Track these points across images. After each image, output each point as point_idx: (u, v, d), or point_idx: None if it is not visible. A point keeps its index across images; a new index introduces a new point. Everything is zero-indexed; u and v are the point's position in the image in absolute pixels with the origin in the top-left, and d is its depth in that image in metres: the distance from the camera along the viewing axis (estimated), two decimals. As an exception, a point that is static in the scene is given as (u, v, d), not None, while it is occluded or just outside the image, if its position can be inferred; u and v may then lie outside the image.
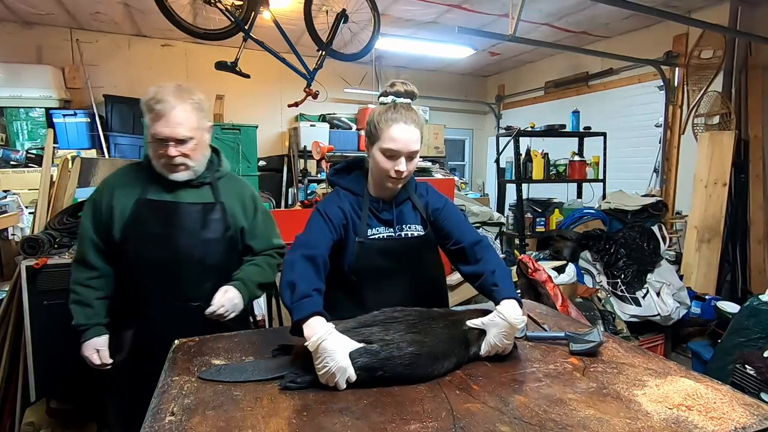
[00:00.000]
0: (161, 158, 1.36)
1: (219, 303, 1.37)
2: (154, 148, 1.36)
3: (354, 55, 3.36)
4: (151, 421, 0.86)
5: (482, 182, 6.98)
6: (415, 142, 1.26)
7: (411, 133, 1.24)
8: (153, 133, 1.33)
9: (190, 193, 1.43)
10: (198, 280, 1.42)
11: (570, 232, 3.53)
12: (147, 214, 1.38)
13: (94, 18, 4.46)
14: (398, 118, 1.24)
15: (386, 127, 1.24)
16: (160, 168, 1.38)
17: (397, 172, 1.24)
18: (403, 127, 1.23)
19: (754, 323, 2.34)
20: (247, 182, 1.60)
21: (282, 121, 5.84)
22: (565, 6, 4.04)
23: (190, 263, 1.40)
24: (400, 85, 1.31)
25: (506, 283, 1.20)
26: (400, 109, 1.26)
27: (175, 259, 1.38)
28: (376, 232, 1.32)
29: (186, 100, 1.37)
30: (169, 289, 1.39)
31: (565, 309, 2.32)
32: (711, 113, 3.94)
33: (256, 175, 3.27)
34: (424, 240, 1.35)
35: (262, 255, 1.56)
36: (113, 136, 4.42)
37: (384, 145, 1.24)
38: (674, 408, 0.91)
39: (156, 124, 1.32)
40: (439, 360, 1.05)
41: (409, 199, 1.37)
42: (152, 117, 1.33)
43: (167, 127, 1.32)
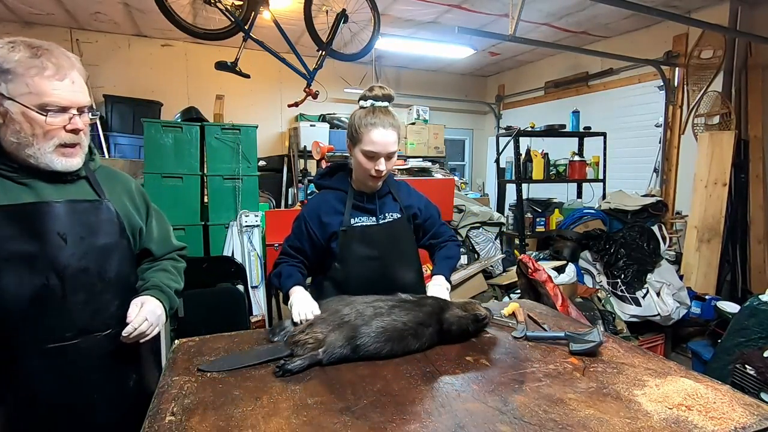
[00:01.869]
0: (49, 137, 0.98)
1: (140, 318, 1.07)
2: (34, 125, 0.97)
3: (354, 55, 3.36)
4: (151, 421, 0.86)
5: (482, 182, 6.98)
6: (393, 144, 1.37)
7: (389, 137, 1.36)
8: (42, 99, 0.95)
9: (60, 191, 1.04)
10: (99, 301, 1.07)
11: (570, 232, 3.53)
12: (4, 228, 0.96)
13: (94, 18, 4.46)
14: (377, 123, 1.35)
15: (366, 132, 1.35)
16: (33, 157, 0.99)
17: (377, 171, 1.38)
18: (381, 131, 1.35)
19: (754, 323, 2.33)
20: (127, 174, 1.27)
21: (282, 121, 5.84)
22: (565, 6, 4.04)
23: (83, 281, 1.04)
24: (378, 90, 1.41)
25: (439, 265, 1.55)
26: (378, 114, 1.37)
27: (61, 280, 1.01)
28: (359, 221, 1.46)
29: (75, 63, 1.03)
30: (54, 325, 1.01)
31: (565, 309, 2.32)
32: (711, 113, 3.94)
33: (256, 175, 3.26)
34: (401, 222, 1.51)
35: (165, 259, 1.29)
36: (113, 136, 4.42)
37: (365, 148, 1.36)
38: (674, 408, 0.91)
39: (46, 84, 0.95)
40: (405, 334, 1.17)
41: (390, 193, 1.53)
42: (36, 71, 0.95)
43: (70, 90, 0.99)
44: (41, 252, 0.99)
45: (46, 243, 1.00)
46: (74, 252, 1.03)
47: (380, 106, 1.39)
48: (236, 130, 3.16)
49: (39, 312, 1.00)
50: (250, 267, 3.14)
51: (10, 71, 0.94)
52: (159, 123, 3.12)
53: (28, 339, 1.00)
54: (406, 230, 1.54)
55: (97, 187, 1.12)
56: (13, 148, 0.98)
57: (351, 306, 1.20)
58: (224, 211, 3.16)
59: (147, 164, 2.95)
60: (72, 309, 1.03)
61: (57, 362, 1.02)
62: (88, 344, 1.05)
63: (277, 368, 1.05)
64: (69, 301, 1.03)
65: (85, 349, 1.05)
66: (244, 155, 3.17)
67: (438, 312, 1.24)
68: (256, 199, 3.29)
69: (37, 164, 1.00)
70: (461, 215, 3.90)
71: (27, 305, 0.98)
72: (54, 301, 1.01)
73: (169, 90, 5.10)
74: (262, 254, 3.18)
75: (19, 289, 0.97)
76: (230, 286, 3.04)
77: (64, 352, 1.02)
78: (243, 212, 3.14)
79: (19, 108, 0.95)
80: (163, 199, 2.96)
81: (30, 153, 0.98)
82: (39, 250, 0.99)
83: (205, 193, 3.14)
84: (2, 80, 0.94)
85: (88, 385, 1.07)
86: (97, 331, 1.07)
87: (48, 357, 1.01)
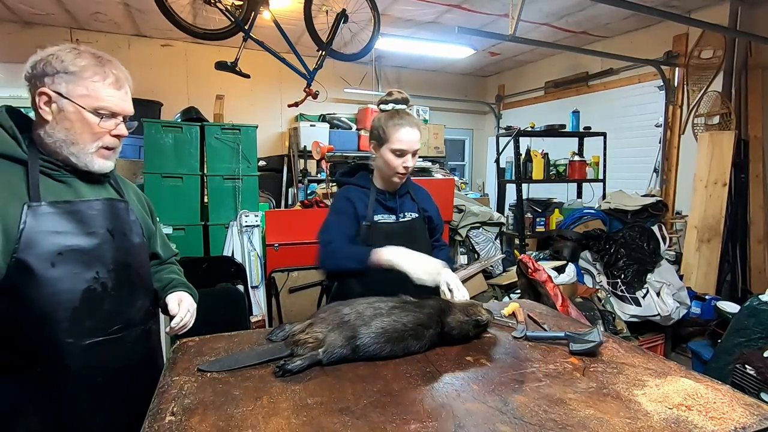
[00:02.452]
0: (95, 138, 1.05)
1: (183, 311, 1.20)
2: (84, 125, 1.03)
3: (354, 55, 3.36)
4: (151, 421, 0.86)
5: (482, 182, 6.98)
6: (418, 142, 1.50)
7: (414, 135, 1.48)
8: (97, 103, 1.02)
9: (94, 190, 1.10)
10: (138, 296, 1.15)
11: (570, 232, 3.53)
12: (56, 223, 0.99)
13: (94, 18, 4.46)
14: (403, 123, 1.47)
15: (394, 131, 1.46)
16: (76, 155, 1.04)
17: (405, 168, 1.49)
18: (408, 129, 1.47)
19: (754, 323, 2.34)
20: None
21: (282, 121, 5.84)
22: (565, 6, 4.04)
23: (126, 277, 1.10)
24: (396, 94, 1.53)
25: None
26: (403, 115, 1.49)
27: (109, 274, 1.06)
28: (382, 218, 1.53)
29: (129, 78, 1.12)
30: (104, 318, 1.06)
31: (565, 309, 2.32)
32: (711, 113, 3.94)
33: (256, 175, 3.26)
34: (418, 221, 1.60)
35: (168, 264, 1.37)
36: (113, 136, 4.42)
37: (393, 146, 1.46)
38: (674, 408, 0.91)
39: (104, 91, 1.03)
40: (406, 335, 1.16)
41: (408, 193, 1.62)
42: (99, 78, 1.03)
43: (123, 99, 1.08)
44: (94, 247, 1.04)
45: (98, 238, 1.05)
46: (120, 247, 1.09)
47: (401, 108, 1.51)
48: (236, 130, 3.16)
49: (90, 305, 1.03)
50: (250, 267, 3.14)
51: (75, 74, 1.01)
52: (159, 123, 3.12)
53: (78, 332, 1.02)
54: (423, 230, 1.62)
55: (119, 188, 1.18)
56: (57, 146, 1.03)
57: (351, 306, 1.20)
58: (224, 211, 3.16)
59: (147, 164, 2.96)
60: (119, 302, 1.09)
61: (103, 354, 1.05)
62: (130, 337, 1.11)
63: (277, 368, 1.05)
64: (116, 295, 1.08)
65: (128, 342, 1.11)
66: (244, 155, 3.17)
67: (439, 314, 1.24)
68: (256, 199, 3.29)
69: (76, 162, 1.05)
70: (461, 215, 3.90)
71: (79, 298, 1.02)
72: (104, 295, 1.05)
73: (169, 90, 5.10)
74: (262, 254, 3.18)
75: (73, 282, 1.01)
76: (230, 286, 3.04)
77: (110, 345, 1.07)
78: (243, 212, 3.14)
79: (75, 108, 1.02)
80: (163, 199, 2.96)
81: (73, 151, 1.04)
82: (91, 245, 1.04)
83: (205, 193, 3.15)
84: (64, 80, 1.01)
85: (128, 377, 1.12)
86: (138, 324, 1.13)
87: (94, 350, 1.04)
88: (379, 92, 6.00)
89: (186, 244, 3.00)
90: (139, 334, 1.14)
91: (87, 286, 1.02)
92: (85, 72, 1.02)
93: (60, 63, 1.01)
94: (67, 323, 0.99)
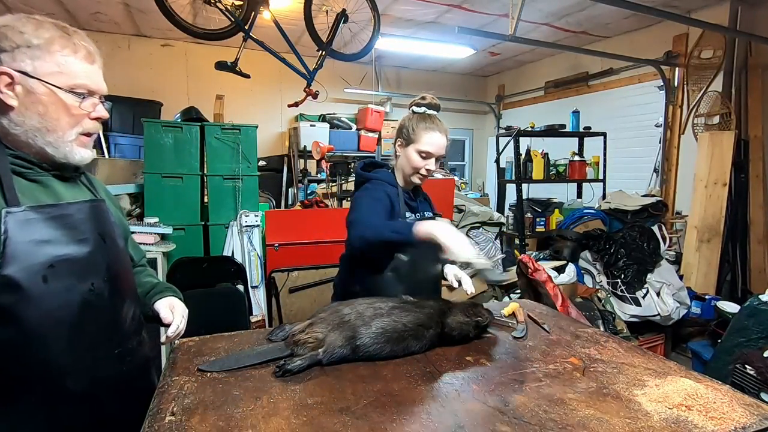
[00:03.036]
0: (73, 123, 0.90)
1: (178, 318, 1.11)
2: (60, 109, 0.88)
3: (354, 55, 3.36)
4: (151, 421, 0.86)
5: (482, 182, 6.98)
6: (444, 148, 1.54)
7: (443, 141, 1.53)
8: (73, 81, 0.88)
9: (71, 190, 0.97)
10: (131, 304, 1.04)
11: (570, 232, 3.54)
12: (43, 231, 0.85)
13: (94, 18, 4.46)
14: (435, 127, 1.51)
15: (424, 133, 1.50)
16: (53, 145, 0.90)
17: (428, 170, 1.52)
18: (438, 135, 1.51)
19: (754, 323, 2.34)
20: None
21: (282, 121, 5.84)
22: (565, 6, 4.04)
23: (120, 284, 0.99)
24: (430, 99, 1.57)
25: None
26: (435, 120, 1.54)
27: (105, 283, 0.94)
28: (408, 216, 1.56)
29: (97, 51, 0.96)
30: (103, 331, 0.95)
31: (565, 309, 2.32)
32: (711, 113, 3.94)
33: (256, 175, 3.26)
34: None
35: (141, 266, 1.25)
36: (113, 136, 4.42)
37: (422, 148, 1.50)
38: (674, 408, 0.91)
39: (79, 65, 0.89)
40: (406, 335, 1.16)
41: (422, 194, 1.69)
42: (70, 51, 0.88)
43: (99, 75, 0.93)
44: (87, 255, 0.91)
45: (90, 245, 0.92)
46: (112, 253, 0.98)
47: (433, 114, 1.55)
48: (236, 130, 3.16)
49: (88, 320, 0.91)
50: (250, 267, 3.14)
51: (40, 48, 0.85)
52: (159, 123, 3.12)
53: (77, 350, 0.89)
54: None
55: (92, 188, 1.04)
56: (30, 136, 0.87)
57: (351, 306, 1.20)
58: (224, 211, 3.16)
59: (147, 164, 2.96)
60: (115, 313, 0.97)
61: (104, 370, 0.94)
62: (127, 349, 1.00)
63: (277, 368, 1.05)
64: (111, 306, 0.96)
65: (126, 355, 1.00)
66: (244, 155, 3.17)
67: (439, 315, 1.24)
68: (256, 199, 3.29)
69: (54, 154, 0.90)
70: (461, 215, 3.90)
71: (76, 314, 0.89)
72: (101, 307, 0.93)
73: (169, 90, 5.10)
74: (262, 254, 3.18)
75: (68, 297, 0.87)
76: (230, 286, 3.04)
77: (110, 360, 0.96)
78: (243, 212, 3.14)
79: (47, 88, 0.86)
80: (163, 199, 2.96)
81: (50, 140, 0.88)
82: (84, 253, 0.91)
83: (205, 193, 3.15)
84: (27, 56, 0.84)
85: (127, 390, 1.02)
86: (133, 335, 1.03)
87: (95, 368, 0.92)
88: (379, 92, 6.00)
89: (186, 244, 3.00)
90: (135, 345, 1.04)
91: (83, 300, 0.90)
92: (52, 45, 0.86)
93: (19, 35, 0.84)
94: (65, 342, 0.88)
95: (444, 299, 1.35)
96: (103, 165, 2.98)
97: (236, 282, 3.08)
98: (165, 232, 2.74)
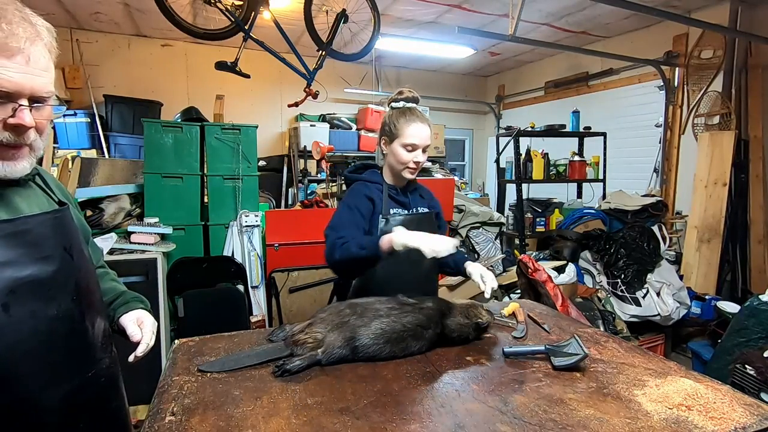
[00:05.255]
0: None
1: (147, 335, 0.99)
2: None
3: (354, 55, 3.36)
4: (150, 421, 0.86)
5: (482, 182, 6.98)
6: (428, 138, 1.53)
7: (425, 130, 1.52)
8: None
9: (23, 197, 0.83)
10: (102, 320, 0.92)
11: (570, 232, 3.53)
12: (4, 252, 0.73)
13: (94, 18, 4.46)
14: (415, 118, 1.51)
15: (406, 126, 1.50)
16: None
17: (416, 162, 1.51)
18: (419, 125, 1.51)
19: (754, 323, 2.33)
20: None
21: (282, 121, 5.84)
22: (565, 6, 4.04)
23: (90, 299, 0.87)
24: (407, 92, 1.57)
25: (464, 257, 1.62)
26: (415, 111, 1.53)
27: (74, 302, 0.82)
28: (396, 212, 1.56)
29: (41, 33, 0.77)
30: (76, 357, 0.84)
31: (565, 309, 2.32)
32: (711, 113, 3.94)
33: (256, 175, 3.26)
34: (429, 216, 1.63)
35: (100, 267, 1.10)
36: (113, 136, 4.42)
37: (406, 141, 1.49)
38: (674, 408, 0.91)
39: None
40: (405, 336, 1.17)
41: (417, 190, 1.66)
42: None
43: (22, 72, 0.72)
44: (52, 275, 0.79)
45: (55, 263, 0.79)
46: (80, 268, 0.85)
47: (412, 106, 1.55)
48: (236, 130, 3.16)
49: (58, 347, 0.79)
50: (250, 267, 3.14)
51: None
52: (159, 123, 3.12)
53: (51, 382, 0.78)
54: (434, 224, 1.64)
55: (47, 188, 0.90)
56: None
57: (351, 307, 1.20)
58: (224, 211, 3.16)
59: (147, 164, 2.96)
60: (86, 335, 0.85)
61: (81, 398, 0.84)
62: (102, 370, 0.89)
63: (276, 368, 1.05)
64: (82, 328, 0.84)
65: (101, 376, 0.89)
66: (244, 155, 3.17)
67: (439, 316, 1.24)
68: (256, 199, 3.29)
69: None
70: (461, 215, 3.90)
71: (45, 341, 0.77)
72: (71, 331, 0.82)
73: (169, 90, 5.10)
74: (262, 254, 3.18)
75: (34, 324, 0.76)
76: (230, 286, 3.05)
77: (85, 386, 0.85)
78: (243, 212, 3.14)
79: None
80: (163, 199, 2.96)
81: None
82: (48, 272, 0.78)
83: (205, 193, 3.15)
84: None
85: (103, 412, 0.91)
86: (104, 353, 0.90)
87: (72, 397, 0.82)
88: (379, 92, 6.00)
89: (186, 244, 3.00)
90: (108, 363, 0.91)
91: (50, 326, 0.77)
92: None
93: None
94: (35, 376, 0.76)
95: (444, 300, 1.35)
96: (103, 165, 2.98)
97: (236, 282, 3.08)
98: (165, 232, 2.74)
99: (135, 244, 2.58)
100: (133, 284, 2.49)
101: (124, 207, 2.88)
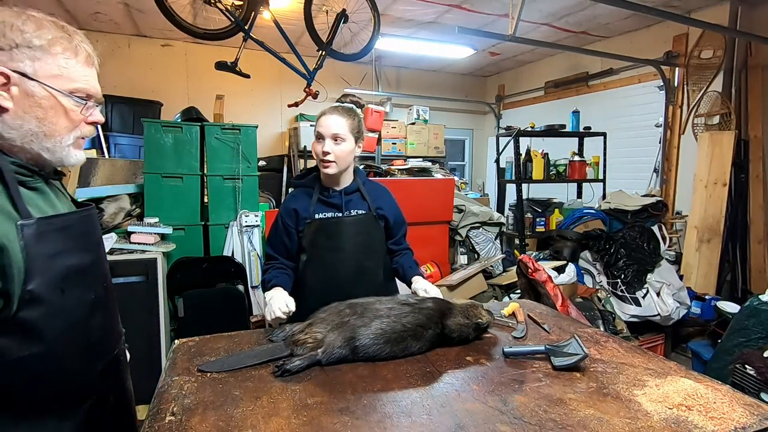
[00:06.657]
0: (72, 128, 0.88)
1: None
2: (59, 113, 0.85)
3: (354, 55, 3.36)
4: (150, 421, 0.86)
5: (482, 182, 6.98)
6: (336, 126, 1.48)
7: (332, 120, 1.49)
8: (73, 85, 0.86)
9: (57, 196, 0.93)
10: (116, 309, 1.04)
11: (570, 232, 3.53)
12: (57, 243, 0.82)
13: (94, 18, 4.46)
14: (327, 111, 1.51)
15: (318, 120, 1.52)
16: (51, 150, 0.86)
17: (323, 152, 1.48)
18: (327, 116, 1.50)
19: (754, 323, 2.34)
20: None
21: (282, 121, 5.84)
22: (565, 6, 4.04)
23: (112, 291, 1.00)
24: (345, 98, 1.62)
25: (414, 269, 1.63)
26: (336, 106, 1.53)
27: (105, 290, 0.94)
28: (324, 216, 1.54)
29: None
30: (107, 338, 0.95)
31: (565, 309, 2.32)
32: (711, 113, 3.94)
33: (256, 175, 3.26)
34: (366, 218, 1.57)
35: None
36: (113, 136, 4.42)
37: (315, 132, 1.51)
38: (674, 408, 0.91)
39: (79, 69, 0.87)
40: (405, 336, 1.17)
41: (359, 191, 1.60)
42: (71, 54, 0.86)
43: (96, 80, 0.93)
44: (91, 263, 0.90)
45: (93, 253, 0.92)
46: (106, 258, 0.99)
47: (338, 105, 1.55)
48: (236, 130, 3.16)
49: (96, 328, 0.90)
50: (250, 267, 3.14)
51: (42, 49, 0.81)
52: (159, 123, 3.12)
53: (91, 360, 0.89)
54: (374, 226, 1.60)
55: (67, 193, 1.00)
56: (26, 141, 0.82)
57: (351, 307, 1.20)
58: (224, 211, 3.16)
59: (147, 164, 2.96)
60: (112, 318, 0.98)
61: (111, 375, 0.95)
62: (121, 350, 1.01)
63: (276, 368, 1.05)
64: (110, 311, 0.96)
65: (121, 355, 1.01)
66: (244, 155, 3.17)
67: (439, 316, 1.23)
68: (256, 199, 3.29)
69: (50, 159, 0.86)
70: (461, 215, 3.90)
71: (87, 324, 0.88)
72: (104, 314, 0.93)
73: (169, 90, 5.10)
74: (262, 254, 3.18)
75: (79, 307, 0.86)
76: (230, 286, 3.04)
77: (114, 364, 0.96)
78: (243, 212, 3.14)
79: (47, 92, 0.82)
80: (163, 199, 2.96)
81: (48, 145, 0.85)
82: (88, 261, 0.89)
83: (205, 193, 3.15)
84: (27, 57, 0.79)
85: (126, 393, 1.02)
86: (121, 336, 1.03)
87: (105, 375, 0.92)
88: (379, 92, 6.00)
89: (186, 244, 3.00)
90: (122, 344, 1.04)
91: (90, 310, 0.88)
92: (54, 46, 0.83)
93: (19, 34, 0.79)
94: (81, 355, 0.86)
95: (444, 300, 1.35)
96: (103, 165, 2.98)
97: (236, 282, 3.08)
98: (165, 232, 2.74)
99: (135, 244, 2.58)
100: (133, 284, 2.49)
101: (124, 207, 2.88)
